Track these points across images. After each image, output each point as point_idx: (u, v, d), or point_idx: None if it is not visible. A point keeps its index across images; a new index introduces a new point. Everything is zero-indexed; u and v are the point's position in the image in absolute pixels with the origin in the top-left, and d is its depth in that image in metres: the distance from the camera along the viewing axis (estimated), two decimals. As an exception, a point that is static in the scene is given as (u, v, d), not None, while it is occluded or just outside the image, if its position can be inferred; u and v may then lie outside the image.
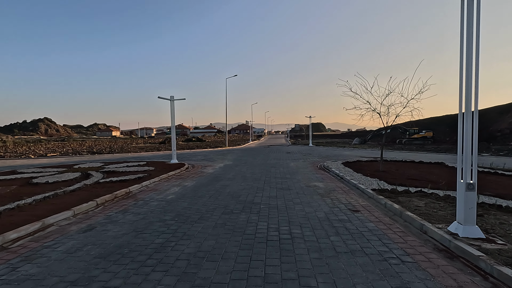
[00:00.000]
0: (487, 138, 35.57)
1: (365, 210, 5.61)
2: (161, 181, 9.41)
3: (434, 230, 4.13)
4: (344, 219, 4.99)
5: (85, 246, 3.87)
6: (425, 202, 5.70)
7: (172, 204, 6.21)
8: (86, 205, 6.03)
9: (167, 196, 7.05)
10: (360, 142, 43.24)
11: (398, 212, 5.25)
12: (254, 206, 5.93)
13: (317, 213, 5.40)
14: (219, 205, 6.05)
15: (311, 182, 8.90)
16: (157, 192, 7.55)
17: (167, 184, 8.89)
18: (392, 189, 7.06)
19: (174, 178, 10.02)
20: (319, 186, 8.20)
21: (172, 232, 4.41)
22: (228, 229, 4.52)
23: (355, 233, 4.29)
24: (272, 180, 9.27)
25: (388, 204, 5.74)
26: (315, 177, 9.93)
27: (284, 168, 12.57)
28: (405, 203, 5.73)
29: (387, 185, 7.88)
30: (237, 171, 11.57)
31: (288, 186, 8.19)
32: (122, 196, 7.15)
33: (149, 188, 8.17)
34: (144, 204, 6.25)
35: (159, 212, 5.55)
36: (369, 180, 8.69)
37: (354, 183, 8.23)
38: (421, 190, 6.70)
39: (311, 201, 6.34)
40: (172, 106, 15.06)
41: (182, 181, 9.31)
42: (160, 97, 14.67)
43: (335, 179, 9.41)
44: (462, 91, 3.94)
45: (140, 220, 5.07)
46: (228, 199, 6.61)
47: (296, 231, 4.37)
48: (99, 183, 8.75)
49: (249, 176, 10.31)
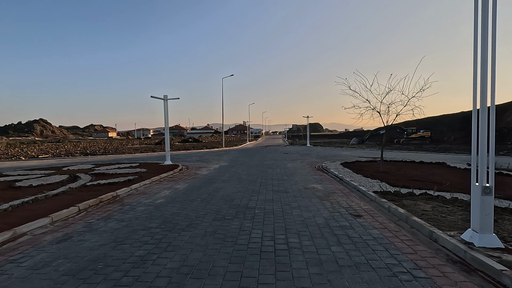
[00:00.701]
0: (485, 138, 35.33)
1: (367, 215, 5.20)
2: (152, 184, 8.95)
3: (446, 239, 3.73)
4: (346, 226, 4.58)
5: (55, 260, 3.42)
6: (431, 206, 5.30)
7: (160, 209, 5.76)
8: (66, 211, 5.57)
9: (156, 200, 6.60)
10: (358, 142, 42.93)
11: (403, 217, 4.85)
12: (248, 211, 5.50)
13: (316, 218, 4.98)
14: (211, 210, 5.62)
15: (309, 184, 8.49)
16: (146, 196, 7.10)
17: (158, 187, 8.43)
18: (395, 191, 6.66)
19: (166, 181, 9.57)
20: (318, 188, 7.79)
21: (155, 242, 3.97)
22: (219, 238, 4.08)
23: (359, 242, 3.87)
24: (269, 182, 8.85)
25: (392, 208, 5.33)
26: (313, 178, 9.52)
27: (281, 169, 12.15)
28: (411, 207, 5.34)
29: (389, 187, 7.49)
30: (232, 173, 11.14)
31: (285, 189, 7.77)
32: (108, 201, 6.69)
33: (138, 192, 7.71)
34: (130, 210, 5.80)
35: (144, 219, 5.11)
36: (370, 182, 8.30)
37: (354, 185, 7.83)
38: (426, 193, 6.31)
39: (309, 205, 5.93)
40: (166, 105, 14.60)
41: (174, 184, 8.86)
42: (153, 96, 14.20)
43: (334, 181, 9.01)
44: (476, 84, 3.55)
45: (123, 228, 4.62)
46: (221, 203, 6.18)
47: (294, 240, 3.95)
48: (86, 186, 8.29)
49: (245, 178, 9.88)
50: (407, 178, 9.07)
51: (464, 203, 5.43)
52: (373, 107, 10.73)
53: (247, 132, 53.76)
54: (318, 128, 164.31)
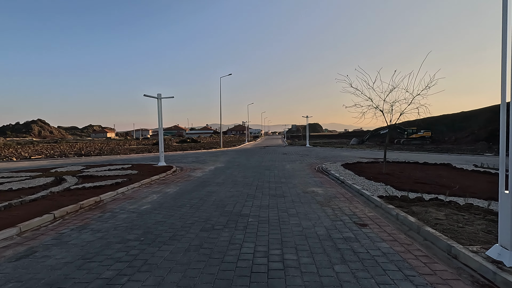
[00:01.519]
0: (487, 138, 34.91)
1: (374, 224, 4.65)
2: (141, 187, 8.39)
3: (469, 256, 3.18)
4: (350, 238, 4.03)
5: (4, 285, 2.87)
6: (445, 214, 4.76)
7: (144, 217, 5.20)
8: (39, 219, 5.00)
9: (142, 206, 6.04)
10: (358, 142, 42.42)
11: (414, 227, 4.30)
12: (241, 220, 4.94)
13: (317, 228, 4.43)
14: (200, 218, 5.06)
15: (308, 187, 7.94)
16: (131, 201, 6.54)
17: (146, 190, 7.88)
18: (402, 196, 6.12)
19: (156, 183, 9.01)
20: (318, 192, 7.24)
21: (130, 259, 3.41)
22: (204, 254, 3.53)
23: (366, 259, 3.33)
24: (265, 185, 8.30)
25: (400, 216, 4.79)
26: (313, 181, 8.97)
27: (279, 171, 11.60)
28: (421, 214, 4.79)
29: (394, 190, 6.95)
30: (228, 175, 10.58)
31: (283, 193, 7.23)
32: (90, 207, 6.13)
33: (125, 196, 7.16)
34: (111, 217, 5.24)
35: (124, 229, 4.55)
36: (374, 185, 7.76)
37: (357, 189, 7.28)
38: (437, 198, 5.76)
39: (309, 212, 5.38)
40: (160, 105, 14.04)
41: (165, 187, 8.31)
42: (146, 95, 13.64)
43: (335, 184, 8.46)
44: (505, 75, 3.01)
45: (97, 240, 4.06)
46: (211, 210, 5.62)
47: (291, 257, 3.40)
48: (69, 190, 7.72)
49: (240, 180, 9.32)
50: (412, 180, 8.54)
51: (481, 211, 4.89)
52: (376, 106, 10.20)
53: (246, 133, 53.19)
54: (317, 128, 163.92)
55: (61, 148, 35.21)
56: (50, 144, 46.53)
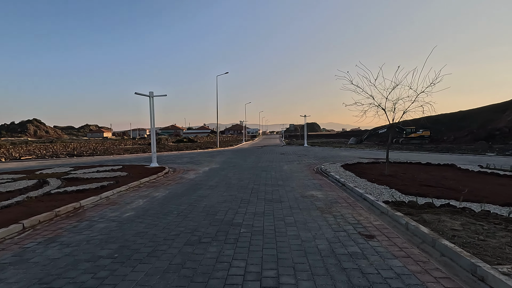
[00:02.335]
0: (486, 137, 34.62)
1: (381, 235, 4.13)
2: (128, 191, 7.82)
3: (500, 279, 2.66)
4: (356, 253, 3.50)
5: None
6: (461, 223, 4.24)
7: (124, 227, 4.65)
8: (4, 230, 4.43)
9: (124, 214, 5.48)
10: (356, 141, 42.01)
11: (428, 240, 3.78)
12: (232, 230, 4.40)
13: (318, 241, 3.90)
14: (186, 229, 4.51)
15: (307, 190, 7.41)
16: (114, 207, 5.98)
17: (133, 194, 7.31)
18: (410, 201, 5.59)
19: (145, 186, 8.44)
20: (318, 196, 6.71)
21: (95, 284, 2.85)
22: (185, 276, 2.98)
23: (378, 283, 2.80)
24: (261, 189, 7.75)
25: (411, 225, 4.27)
26: (312, 183, 8.44)
27: (277, 172, 11.07)
28: (434, 223, 4.27)
29: (400, 195, 6.44)
30: (222, 177, 10.03)
31: (280, 197, 6.69)
32: (67, 214, 5.56)
33: (108, 201, 6.59)
34: (87, 227, 4.68)
35: (98, 242, 3.99)
36: (377, 188, 7.24)
37: (359, 192, 6.76)
38: (449, 204, 5.24)
39: (308, 220, 4.84)
40: (151, 103, 13.45)
41: (154, 191, 7.74)
42: (137, 93, 13.04)
43: (336, 187, 7.93)
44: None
45: (63, 258, 3.50)
46: (200, 218, 5.07)
47: (288, 280, 2.86)
48: (49, 195, 7.14)
49: (235, 183, 8.77)
50: (417, 183, 8.04)
51: (501, 219, 4.38)
52: (378, 104, 9.69)
53: (243, 132, 52.63)
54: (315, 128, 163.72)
55: (54, 148, 34.50)
56: (44, 144, 45.73)
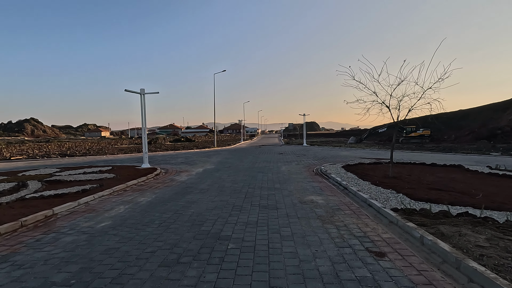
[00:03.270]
0: (488, 136, 34.09)
1: (393, 252, 3.51)
2: (111, 195, 7.18)
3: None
4: (366, 279, 2.88)
5: None
6: (486, 238, 3.62)
7: (93, 242, 4.01)
8: (-48, 246, 3.80)
9: (99, 224, 4.84)
10: (356, 141, 41.44)
11: (451, 260, 3.17)
12: (219, 246, 3.77)
13: (319, 261, 3.27)
14: (165, 244, 3.88)
15: (306, 195, 6.78)
16: (90, 216, 5.34)
17: (116, 200, 6.67)
18: (422, 209, 4.97)
19: (131, 190, 7.80)
20: (318, 202, 6.09)
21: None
22: (151, 314, 2.36)
23: (397, 325, 2.18)
24: (256, 193, 7.13)
25: (427, 240, 3.65)
26: (312, 186, 7.81)
27: (274, 173, 10.44)
28: (454, 238, 3.66)
29: (409, 200, 5.82)
30: (216, 179, 9.40)
31: (276, 203, 6.06)
32: (35, 224, 4.92)
33: (87, 208, 5.95)
34: (51, 241, 4.04)
35: (57, 263, 3.35)
36: (382, 192, 6.62)
37: (363, 198, 6.14)
38: (467, 213, 4.62)
39: (307, 233, 4.21)
40: (143, 100, 12.80)
41: (139, 195, 7.11)
42: (127, 90, 12.39)
43: (337, 190, 7.31)
44: None
45: (7, 285, 2.86)
46: (183, 230, 4.44)
47: (281, 321, 2.24)
48: (23, 200, 6.50)
49: (228, 186, 8.14)
50: (425, 186, 7.43)
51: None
52: (382, 101, 9.06)
53: (242, 131, 51.96)
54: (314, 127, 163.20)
55: (49, 147, 33.81)
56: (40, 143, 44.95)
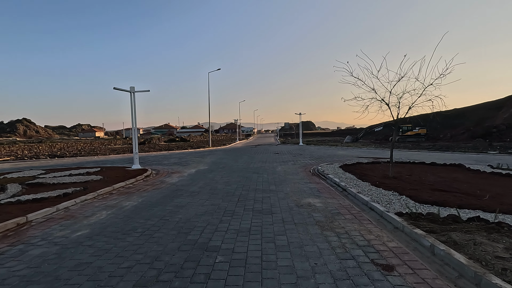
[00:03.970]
0: (483, 135, 34.12)
1: (402, 265, 3.11)
2: (94, 199, 6.70)
3: None
4: (374, 299, 2.48)
5: None
6: (505, 247, 3.24)
7: (64, 255, 3.55)
8: None
9: (76, 232, 4.38)
10: (352, 140, 41.29)
11: (469, 274, 2.78)
12: (206, 259, 3.34)
13: (319, 278, 2.86)
14: (145, 257, 3.44)
15: (303, 197, 6.38)
16: (68, 223, 4.87)
17: (99, 204, 6.20)
18: (428, 213, 4.59)
19: (117, 193, 7.32)
20: (316, 205, 5.68)
21: None
22: None
23: None
24: (250, 195, 6.70)
25: (439, 250, 3.26)
26: (309, 188, 7.42)
27: (270, 174, 10.03)
28: (469, 247, 3.28)
29: (413, 203, 5.44)
30: (208, 180, 8.95)
31: (271, 206, 5.64)
32: (4, 233, 4.43)
33: (65, 214, 5.47)
34: (17, 255, 3.57)
35: (15, 283, 2.89)
36: (384, 194, 6.23)
37: (364, 200, 5.76)
38: (479, 217, 4.24)
39: (305, 242, 3.80)
40: (133, 99, 12.29)
41: (125, 199, 6.64)
42: (116, 88, 11.86)
43: (336, 192, 6.92)
44: None
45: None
46: (168, 239, 4.00)
47: None
48: (-3, 206, 6.00)
49: (221, 188, 7.70)
50: (427, 187, 7.08)
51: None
52: (381, 98, 8.70)
53: (237, 131, 51.49)
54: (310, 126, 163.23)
55: (39, 148, 33.02)
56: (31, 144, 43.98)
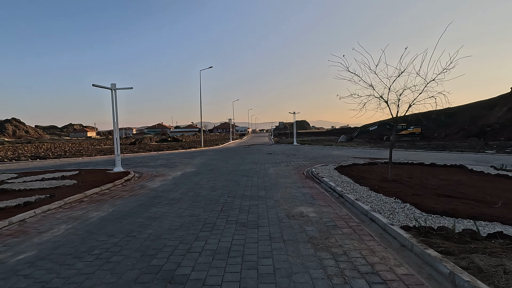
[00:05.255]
0: (477, 134, 33.99)
1: (418, 303, 2.42)
2: (60, 209, 5.90)
3: None
4: None
5: None
6: (544, 277, 2.58)
7: (-12, 291, 2.79)
8: None
9: (16, 256, 3.59)
10: (347, 139, 40.82)
11: (508, 320, 2.10)
12: (167, 296, 2.61)
13: (311, 327, 2.15)
14: (90, 293, 2.70)
15: (295, 205, 5.67)
16: (14, 242, 4.07)
17: (61, 215, 5.40)
18: (440, 227, 3.92)
19: (88, 201, 6.52)
20: (309, 216, 4.98)
21: None
22: None
23: None
24: (236, 203, 5.97)
25: (462, 281, 2.58)
26: (302, 194, 6.72)
27: (260, 177, 9.31)
28: (499, 276, 2.61)
29: (419, 212, 4.77)
30: (193, 185, 8.20)
31: (258, 218, 4.93)
32: None
33: (19, 228, 4.67)
34: None
35: None
36: (385, 202, 5.56)
37: (363, 209, 5.07)
38: (502, 233, 3.57)
39: (295, 268, 3.09)
40: (114, 97, 11.44)
41: (94, 208, 5.85)
42: (95, 85, 10.99)
43: (331, 198, 6.24)
44: None
45: None
46: (127, 265, 3.24)
47: None
48: None
49: (205, 194, 6.96)
50: (431, 191, 6.44)
51: None
52: (380, 95, 8.06)
53: (231, 130, 50.67)
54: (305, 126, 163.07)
55: (24, 149, 31.75)
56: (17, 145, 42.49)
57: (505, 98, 41.41)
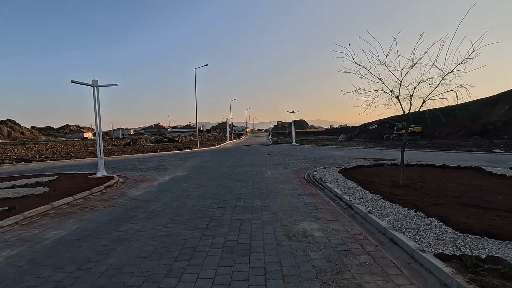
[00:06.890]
0: (480, 132, 33.19)
1: None
2: (14, 226, 4.91)
3: None
4: None
5: None
6: None
7: None
8: None
9: None
10: (346, 139, 39.93)
11: None
12: None
13: None
14: None
15: (296, 220, 4.71)
16: None
17: (11, 235, 4.42)
18: (491, 258, 2.97)
19: (53, 215, 5.54)
20: (314, 235, 4.02)
21: None
22: None
23: None
24: (226, 217, 5.01)
25: None
26: (303, 204, 5.76)
27: (256, 182, 8.35)
28: None
29: (452, 232, 3.83)
30: (180, 192, 7.23)
31: (251, 239, 3.97)
32: None
33: None
34: None
35: None
36: (405, 215, 4.60)
37: (381, 227, 4.12)
38: None
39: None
40: (96, 94, 10.45)
41: (56, 225, 4.87)
42: (74, 81, 9.99)
43: (339, 210, 5.29)
44: None
45: None
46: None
47: None
48: None
49: (191, 204, 5.99)
50: (453, 200, 5.51)
51: None
52: (390, 90, 7.13)
53: (228, 130, 49.66)
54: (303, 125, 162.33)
55: (14, 151, 30.60)
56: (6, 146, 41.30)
57: (508, 95, 40.66)
